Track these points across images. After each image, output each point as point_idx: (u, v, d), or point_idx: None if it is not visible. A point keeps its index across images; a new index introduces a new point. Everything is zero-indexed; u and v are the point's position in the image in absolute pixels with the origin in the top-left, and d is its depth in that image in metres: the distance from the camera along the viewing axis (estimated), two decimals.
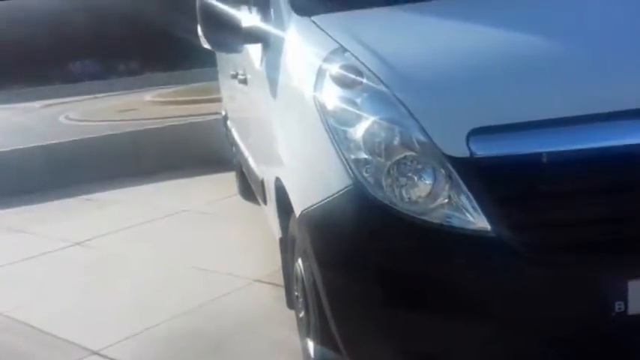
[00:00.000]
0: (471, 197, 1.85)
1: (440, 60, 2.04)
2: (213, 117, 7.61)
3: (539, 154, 1.84)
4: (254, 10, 2.79)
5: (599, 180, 1.87)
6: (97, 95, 24.14)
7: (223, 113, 6.15)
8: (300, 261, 2.44)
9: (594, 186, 1.87)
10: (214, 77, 6.39)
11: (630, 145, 1.85)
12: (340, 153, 1.99)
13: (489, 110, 1.90)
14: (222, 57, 5.37)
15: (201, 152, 7.28)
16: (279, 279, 3.03)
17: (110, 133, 8.35)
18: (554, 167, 1.84)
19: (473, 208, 1.86)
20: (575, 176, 1.86)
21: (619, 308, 1.85)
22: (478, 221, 1.85)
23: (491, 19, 2.22)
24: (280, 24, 2.51)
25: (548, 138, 1.85)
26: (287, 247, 2.69)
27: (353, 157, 1.97)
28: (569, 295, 1.85)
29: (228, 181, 6.23)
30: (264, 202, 3.34)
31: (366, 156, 1.95)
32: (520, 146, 1.85)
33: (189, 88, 19.35)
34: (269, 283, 3.72)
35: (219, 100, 6.68)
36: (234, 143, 5.23)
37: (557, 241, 1.85)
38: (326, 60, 2.13)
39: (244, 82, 3.60)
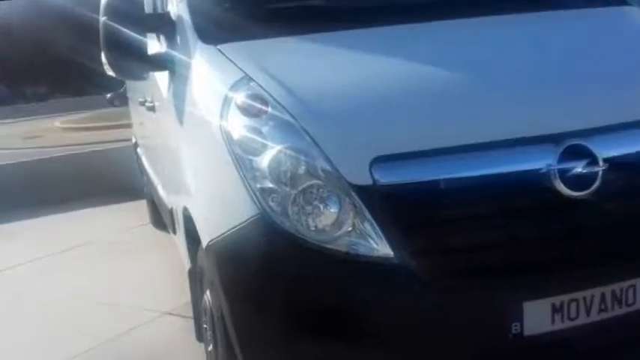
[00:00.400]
0: (375, 225, 1.88)
1: (344, 89, 2.07)
2: (125, 143, 7.43)
3: (438, 181, 1.90)
4: (161, 37, 2.75)
5: (495, 205, 1.94)
6: (2, 121, 23.09)
7: (134, 140, 6.01)
8: (208, 293, 2.40)
9: (490, 211, 1.94)
10: (126, 102, 6.25)
11: (522, 171, 1.94)
12: (246, 182, 1.98)
13: (391, 138, 1.94)
14: (131, 83, 5.26)
15: (112, 180, 7.07)
16: (190, 311, 2.96)
17: (10, 162, 7.99)
18: (453, 194, 1.90)
19: (377, 235, 1.88)
20: (472, 202, 1.92)
21: (515, 329, 1.92)
22: (382, 248, 1.88)
23: (394, 50, 2.27)
24: (187, 52, 2.48)
25: (446, 165, 1.91)
26: (196, 278, 2.63)
27: (259, 186, 1.97)
28: (469, 318, 1.90)
29: (139, 209, 6.07)
30: (174, 231, 3.28)
31: (271, 185, 1.95)
32: (420, 173, 1.90)
33: (101, 113, 18.81)
34: (179, 316, 3.64)
35: (130, 125, 6.53)
36: (144, 171, 5.11)
37: (456, 266, 1.90)
38: (232, 89, 2.12)
39: (152, 109, 3.53)
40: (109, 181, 7.09)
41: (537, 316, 1.94)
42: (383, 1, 2.55)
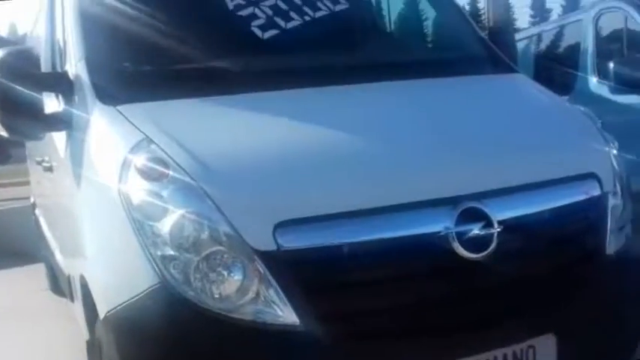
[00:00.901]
0: (280, 291, 1.86)
1: (246, 153, 2.06)
2: (23, 202, 7.06)
3: (341, 245, 1.91)
4: (58, 95, 2.65)
5: (396, 269, 1.96)
6: None
7: (32, 200, 5.74)
8: None
9: (391, 275, 1.96)
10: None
11: (421, 234, 1.98)
12: (146, 249, 1.92)
13: (294, 203, 1.94)
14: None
15: (9, 241, 6.69)
16: None
17: None
18: (355, 257, 1.91)
19: (282, 302, 1.86)
20: (374, 266, 1.94)
21: None
22: (287, 315, 1.85)
23: (298, 114, 2.29)
24: (85, 112, 2.40)
25: (348, 229, 1.92)
26: (94, 350, 2.49)
27: (159, 253, 1.90)
28: None
29: (39, 273, 5.74)
30: (72, 299, 3.11)
31: (173, 252, 1.89)
32: (323, 238, 1.90)
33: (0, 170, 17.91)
34: None
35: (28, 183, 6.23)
36: (42, 233, 4.86)
37: (360, 330, 1.90)
38: (131, 151, 2.06)
39: (50, 169, 3.38)
40: (4, 242, 6.70)
41: None
42: (283, 66, 2.58)
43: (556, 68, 5.28)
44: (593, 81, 4.97)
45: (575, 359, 2.15)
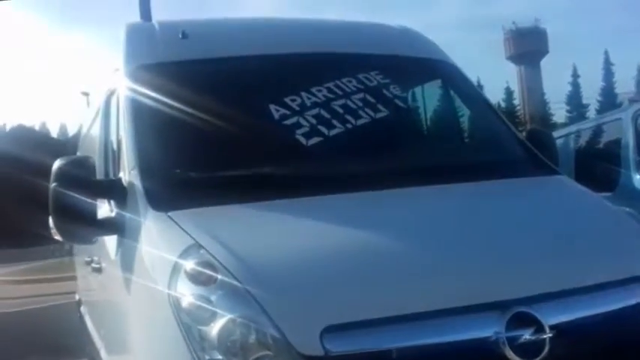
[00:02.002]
0: None
1: (293, 258, 2.10)
2: (68, 298, 7.14)
3: (390, 351, 1.90)
4: (111, 201, 2.77)
5: None
6: None
7: (77, 297, 5.81)
8: None
9: None
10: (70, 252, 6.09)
11: (471, 339, 1.96)
12: (194, 353, 1.94)
13: (341, 308, 1.95)
14: None
15: (54, 338, 6.71)
16: None
17: None
18: None
19: None
20: None
21: None
22: None
23: (342, 219, 2.34)
24: (137, 217, 2.49)
25: (396, 334, 1.92)
26: None
27: (207, 357, 1.92)
28: None
29: None
30: None
31: (220, 356, 1.91)
32: (371, 343, 1.90)
33: (44, 264, 18.22)
34: None
35: (74, 278, 6.31)
36: (86, 331, 4.89)
37: None
38: (181, 256, 2.12)
39: (98, 270, 3.46)
40: (49, 338, 6.73)
41: None
42: (327, 172, 2.65)
43: (598, 165, 5.28)
44: (637, 177, 4.94)
45: None
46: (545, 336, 1.97)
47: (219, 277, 2.01)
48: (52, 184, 2.55)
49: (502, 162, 3.01)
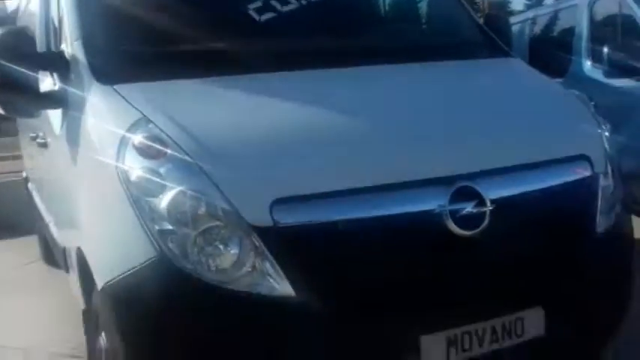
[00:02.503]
0: (276, 264, 1.90)
1: (243, 132, 2.08)
2: (15, 176, 7.04)
3: (336, 222, 1.95)
4: (54, 74, 2.66)
5: (390, 245, 2.00)
6: None
7: (24, 175, 5.73)
8: (103, 335, 2.31)
9: (386, 250, 2.00)
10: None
11: (416, 212, 2.02)
12: (144, 224, 1.95)
13: (291, 181, 1.97)
14: None
15: (2, 215, 6.68)
16: (84, 352, 2.83)
17: None
18: (349, 234, 1.95)
19: (278, 275, 1.90)
20: (369, 242, 1.98)
21: None
22: (282, 287, 1.90)
23: (294, 95, 2.32)
24: (81, 91, 2.41)
25: (343, 207, 1.96)
26: (91, 319, 2.53)
27: (157, 227, 1.94)
28: (367, 353, 1.95)
29: (31, 245, 5.75)
30: (67, 270, 3.14)
31: (170, 226, 1.92)
32: (319, 215, 1.94)
33: None
34: (73, 357, 3.46)
35: (20, 157, 6.20)
36: (36, 207, 4.87)
37: (355, 303, 1.95)
38: (129, 130, 2.08)
39: (44, 145, 3.39)
40: None
41: (434, 349, 2.02)
42: (279, 48, 2.58)
43: (551, 52, 5.31)
44: (588, 65, 5.00)
45: (561, 332, 2.21)
46: (485, 209, 2.05)
47: (169, 150, 1.99)
48: None
49: (456, 44, 3.00)
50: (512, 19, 6.15)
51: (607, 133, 2.54)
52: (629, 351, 2.84)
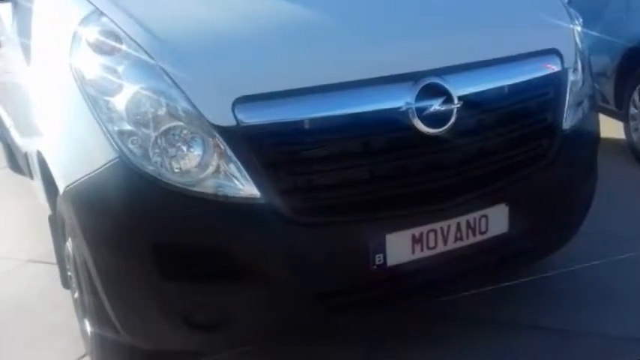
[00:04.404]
0: (240, 165, 1.87)
1: (203, 30, 1.98)
2: None
3: (300, 121, 1.90)
4: None
5: (356, 143, 1.98)
6: None
7: None
8: (70, 240, 2.30)
9: (351, 149, 1.97)
10: None
11: (381, 109, 1.98)
12: (102, 125, 1.89)
13: (252, 79, 1.90)
14: None
15: None
16: (54, 258, 2.83)
17: None
18: (314, 133, 1.92)
19: (242, 176, 1.87)
20: (334, 141, 1.95)
21: (379, 260, 2.01)
22: (247, 188, 1.87)
23: None
24: None
25: (307, 105, 1.91)
26: (57, 224, 2.51)
27: (116, 128, 1.87)
28: (334, 252, 1.96)
29: None
30: (31, 176, 3.08)
31: (130, 127, 1.86)
32: (282, 113, 1.89)
33: None
34: (45, 263, 3.46)
35: None
36: None
37: (320, 203, 1.94)
38: (81, 24, 1.97)
39: None
40: None
41: (399, 247, 2.03)
42: None
43: None
44: None
45: (525, 228, 2.24)
46: (453, 106, 2.01)
47: (124, 47, 1.90)
48: None
49: None
50: None
51: (579, 28, 2.47)
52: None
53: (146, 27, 1.94)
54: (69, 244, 2.33)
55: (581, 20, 2.54)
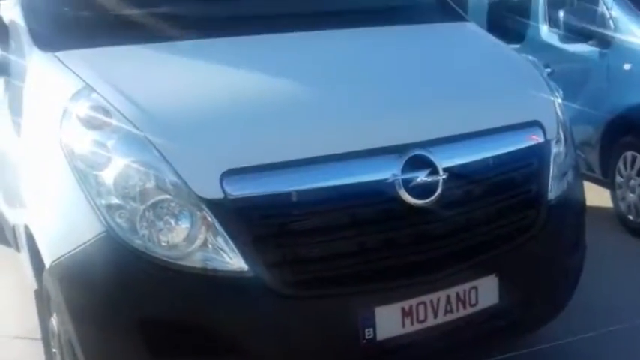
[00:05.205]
0: (228, 238, 1.86)
1: (191, 102, 2.02)
2: None
3: (287, 193, 1.91)
4: None
5: (343, 215, 1.98)
6: None
7: None
8: (55, 315, 2.26)
9: (339, 221, 1.98)
10: None
11: (368, 181, 2.00)
12: (90, 198, 1.89)
13: (240, 152, 1.92)
14: None
15: None
16: (39, 334, 2.77)
17: None
18: (302, 205, 1.92)
19: (230, 249, 1.87)
20: (321, 213, 1.95)
21: (369, 334, 1.98)
22: (235, 262, 1.86)
23: (242, 62, 2.25)
24: (22, 58, 2.31)
25: (295, 177, 1.93)
26: (43, 299, 2.47)
27: (104, 202, 1.88)
28: (323, 326, 1.94)
29: None
30: (18, 249, 3.05)
31: (118, 201, 1.87)
32: (270, 186, 1.90)
33: None
34: (31, 339, 3.38)
35: None
36: None
37: (309, 276, 1.93)
38: (72, 99, 2.00)
39: None
40: None
41: (389, 321, 2.01)
42: (226, 13, 2.50)
43: (508, 16, 5.30)
44: (544, 29, 5.01)
45: (515, 299, 2.23)
46: (438, 178, 2.03)
47: (114, 121, 1.92)
48: None
49: (408, 7, 2.94)
50: None
51: (560, 100, 2.54)
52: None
53: (135, 101, 1.97)
54: (54, 319, 2.29)
55: (561, 92, 2.61)
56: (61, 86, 2.09)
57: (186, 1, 2.53)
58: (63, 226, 2.00)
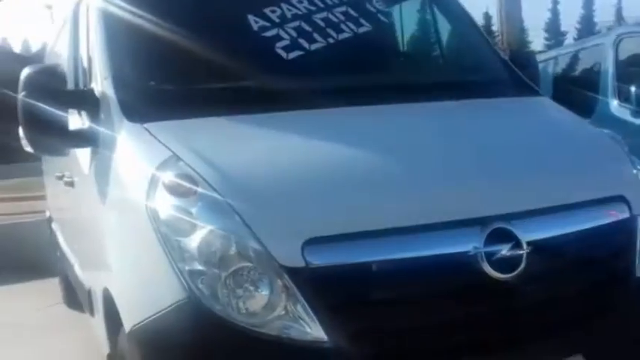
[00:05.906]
0: (308, 307, 1.85)
1: (275, 170, 2.06)
2: (38, 216, 7.05)
3: (370, 263, 1.90)
4: (83, 113, 2.68)
5: (425, 288, 1.95)
6: None
7: (48, 214, 5.75)
8: None
9: (420, 293, 1.95)
10: (40, 172, 5.98)
11: (450, 254, 1.97)
12: (173, 264, 1.92)
13: (323, 221, 1.94)
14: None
15: (23, 256, 6.66)
16: None
17: None
18: (384, 276, 1.91)
19: (310, 318, 1.85)
20: (403, 284, 1.93)
21: None
22: (315, 331, 1.85)
23: (324, 133, 2.30)
24: (111, 129, 2.42)
25: (377, 248, 1.92)
26: None
27: (187, 268, 1.90)
28: None
29: (52, 288, 5.73)
30: (91, 313, 3.10)
31: (200, 267, 1.89)
32: (352, 256, 1.90)
33: (12, 183, 17.91)
34: None
35: (44, 197, 6.22)
36: (58, 247, 4.86)
37: (388, 349, 1.89)
38: (159, 168, 2.07)
39: (71, 184, 3.40)
40: (20, 257, 6.67)
41: None
42: (307, 86, 2.57)
43: (574, 91, 5.29)
44: (614, 104, 4.97)
45: None
46: (522, 252, 1.99)
47: (199, 189, 1.98)
48: (21, 93, 2.46)
49: (485, 82, 2.97)
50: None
51: None
52: None
53: (220, 169, 2.03)
54: None
55: None
56: (149, 155, 2.17)
57: (268, 76, 2.61)
58: (145, 290, 2.04)
